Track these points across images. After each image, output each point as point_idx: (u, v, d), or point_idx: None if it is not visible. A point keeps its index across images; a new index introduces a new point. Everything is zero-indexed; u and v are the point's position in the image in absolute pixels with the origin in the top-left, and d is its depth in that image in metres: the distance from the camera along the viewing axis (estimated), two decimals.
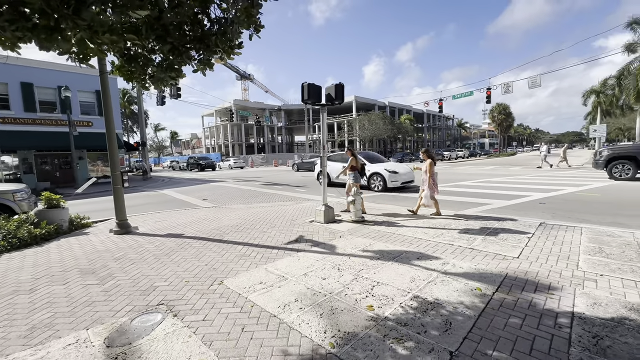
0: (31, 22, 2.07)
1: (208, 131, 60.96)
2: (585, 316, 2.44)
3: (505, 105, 51.58)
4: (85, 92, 18.84)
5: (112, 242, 5.24)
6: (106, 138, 6.03)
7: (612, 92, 27.48)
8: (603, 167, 11.75)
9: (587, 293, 2.82)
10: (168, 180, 21.06)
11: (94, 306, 2.95)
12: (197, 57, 3.37)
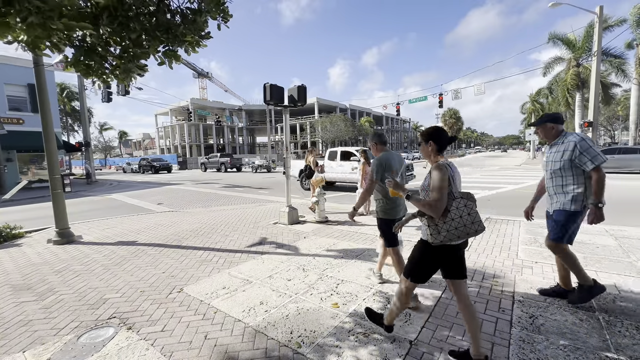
0: None
1: (162, 131, 57.26)
2: (523, 299, 2.75)
3: (455, 110, 55.66)
4: (15, 86, 16.62)
5: (52, 254, 4.71)
6: (43, 137, 5.40)
7: (546, 100, 31.11)
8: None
9: (525, 279, 3.17)
10: (117, 183, 19.41)
11: (32, 325, 2.64)
12: (162, 49, 3.18)
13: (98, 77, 3.28)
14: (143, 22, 2.85)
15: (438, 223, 1.85)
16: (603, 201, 2.40)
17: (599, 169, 2.38)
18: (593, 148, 2.40)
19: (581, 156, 2.42)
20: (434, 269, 1.99)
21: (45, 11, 1.97)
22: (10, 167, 16.16)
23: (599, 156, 2.38)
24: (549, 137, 2.68)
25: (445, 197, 1.83)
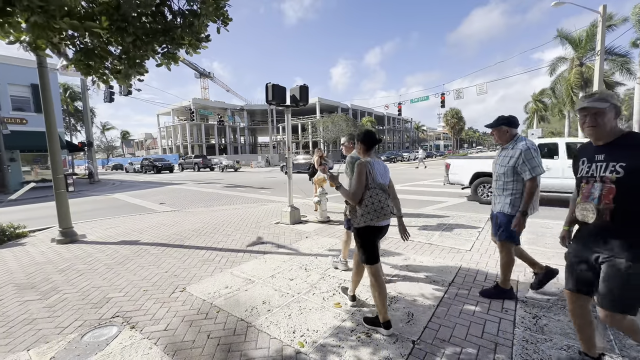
0: None
1: (164, 131, 57.46)
2: (527, 299, 2.74)
3: (458, 110, 55.56)
4: (18, 86, 16.72)
5: (55, 253, 4.74)
6: (46, 137, 5.43)
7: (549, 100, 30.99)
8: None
9: (528, 279, 3.16)
10: (119, 183, 19.50)
11: (36, 324, 2.66)
12: (161, 50, 3.19)
13: (98, 76, 3.30)
14: (141, 25, 2.86)
15: (357, 209, 2.32)
16: (530, 210, 2.54)
17: (534, 180, 2.49)
18: (536, 159, 2.49)
19: (523, 165, 2.51)
20: (375, 247, 2.41)
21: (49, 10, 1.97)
22: (13, 166, 16.26)
23: (538, 167, 2.48)
24: (503, 140, 2.72)
25: (361, 188, 2.29)
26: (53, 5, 1.91)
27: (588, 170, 1.68)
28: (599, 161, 1.64)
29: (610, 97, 1.61)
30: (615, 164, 1.56)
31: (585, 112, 1.65)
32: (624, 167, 1.53)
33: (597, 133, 1.65)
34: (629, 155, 1.54)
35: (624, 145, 1.58)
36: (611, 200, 1.56)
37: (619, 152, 1.57)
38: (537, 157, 2.51)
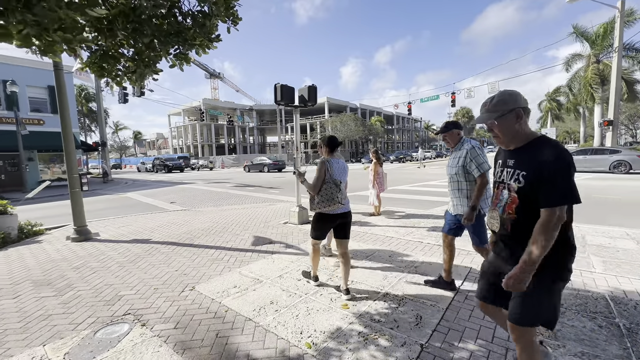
0: None
1: (175, 131, 58.37)
2: None
3: (468, 109, 54.79)
4: (36, 88, 17.26)
5: (70, 250, 4.87)
6: (62, 138, 5.59)
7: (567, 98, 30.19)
8: None
9: None
10: (132, 182, 19.90)
11: (51, 320, 2.73)
12: (173, 51, 3.25)
13: (112, 78, 3.38)
14: (157, 27, 2.91)
15: (314, 197, 2.85)
16: (479, 206, 2.63)
17: (483, 176, 2.61)
18: (481, 156, 2.64)
19: (470, 163, 2.67)
20: (324, 229, 3.00)
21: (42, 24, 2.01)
22: (31, 166, 16.79)
23: (485, 164, 2.64)
24: (455, 143, 2.86)
25: (320, 181, 2.83)
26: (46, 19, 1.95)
27: (500, 175, 1.58)
28: (509, 167, 1.53)
29: (502, 103, 1.47)
30: (520, 172, 1.45)
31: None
32: (525, 176, 1.42)
33: (501, 142, 1.56)
34: (531, 164, 1.41)
35: (530, 152, 1.44)
36: (514, 210, 1.47)
37: (525, 160, 1.45)
38: (482, 155, 2.66)
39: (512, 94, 1.48)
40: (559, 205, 1.31)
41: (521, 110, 1.45)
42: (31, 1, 1.89)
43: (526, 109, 1.48)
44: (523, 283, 1.36)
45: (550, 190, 1.33)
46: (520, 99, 1.47)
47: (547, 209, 1.32)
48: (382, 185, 6.61)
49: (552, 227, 1.31)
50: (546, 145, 1.39)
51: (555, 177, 1.32)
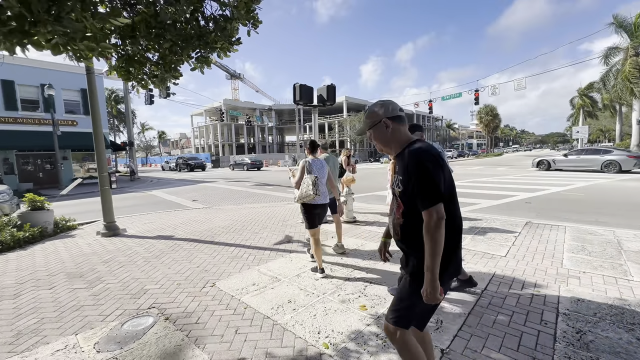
0: (7, 27, 1.99)
1: (197, 131, 60.16)
2: (570, 312, 2.54)
3: (493, 107, 52.71)
4: (70, 91, 18.33)
5: (100, 245, 5.13)
6: (93, 138, 5.90)
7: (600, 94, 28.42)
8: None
9: (571, 290, 2.92)
10: (157, 180, 20.70)
11: (83, 310, 2.89)
12: (194, 55, 3.35)
13: (138, 81, 3.52)
14: (178, 31, 3.00)
15: (296, 190, 3.46)
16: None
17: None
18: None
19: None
20: (310, 218, 3.48)
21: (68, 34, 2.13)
22: (65, 164, 17.87)
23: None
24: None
25: (301, 177, 3.46)
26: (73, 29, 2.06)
27: (394, 182, 1.55)
28: (396, 172, 1.53)
29: (371, 115, 1.53)
30: (399, 177, 1.47)
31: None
32: (402, 181, 1.43)
33: (381, 149, 1.58)
34: (404, 169, 1.42)
35: (403, 157, 1.45)
36: (401, 215, 1.47)
37: (401, 165, 1.46)
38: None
39: (380, 105, 1.53)
40: (429, 207, 1.31)
41: (388, 120, 1.49)
42: (60, 14, 2.00)
43: (397, 117, 1.51)
44: (432, 295, 1.33)
45: (419, 194, 1.34)
46: (389, 109, 1.51)
47: (424, 212, 1.33)
48: None
49: (434, 228, 1.30)
50: (412, 149, 1.41)
51: (419, 180, 1.34)
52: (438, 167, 1.34)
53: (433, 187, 1.32)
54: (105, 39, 2.59)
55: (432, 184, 1.32)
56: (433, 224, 1.30)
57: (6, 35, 2.01)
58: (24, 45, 2.15)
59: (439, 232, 1.31)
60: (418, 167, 1.34)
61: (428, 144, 1.46)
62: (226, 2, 3.16)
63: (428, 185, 1.32)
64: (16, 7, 1.87)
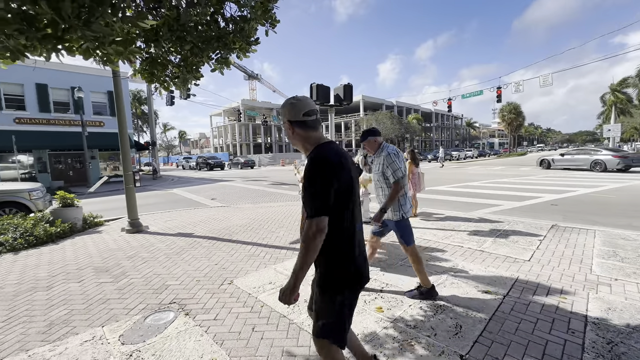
0: (41, 33, 2.10)
1: (216, 131, 61.51)
2: (599, 321, 2.41)
3: (516, 105, 50.72)
4: (98, 93, 19.24)
5: (125, 241, 5.35)
6: (119, 139, 6.15)
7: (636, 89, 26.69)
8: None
9: (601, 298, 2.77)
10: (177, 179, 21.36)
11: (109, 304, 3.03)
12: (214, 56, 3.43)
13: (160, 83, 3.64)
14: (198, 33, 3.08)
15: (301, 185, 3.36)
16: (403, 212, 2.75)
17: (397, 183, 2.68)
18: (395, 163, 2.70)
19: (387, 169, 2.74)
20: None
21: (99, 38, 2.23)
22: (93, 163, 18.76)
23: (399, 171, 2.69)
24: (373, 149, 2.91)
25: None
26: (103, 33, 2.16)
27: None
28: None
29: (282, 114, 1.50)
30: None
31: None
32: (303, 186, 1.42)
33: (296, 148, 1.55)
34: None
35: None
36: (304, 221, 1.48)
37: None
38: (397, 161, 2.71)
39: (289, 105, 1.46)
40: (311, 217, 1.28)
41: (289, 124, 1.45)
42: (90, 19, 2.10)
43: (298, 121, 1.43)
44: (286, 295, 1.34)
45: (305, 202, 1.33)
46: (292, 112, 1.44)
47: (307, 220, 1.30)
48: (418, 186, 6.39)
49: (310, 238, 1.28)
50: (309, 156, 1.38)
51: (306, 189, 1.32)
52: (325, 177, 1.29)
53: (316, 199, 1.28)
54: (132, 43, 2.69)
55: (316, 194, 1.29)
56: (311, 234, 1.27)
57: (41, 41, 2.13)
58: (58, 51, 2.28)
59: (314, 244, 1.28)
60: (306, 175, 1.32)
61: (325, 150, 1.37)
62: (244, 2, 3.20)
63: (313, 195, 1.29)
64: (48, 13, 1.98)
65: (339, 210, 1.35)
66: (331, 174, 1.31)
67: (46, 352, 2.30)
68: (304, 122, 1.44)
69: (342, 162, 1.36)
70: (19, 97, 16.79)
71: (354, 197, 1.44)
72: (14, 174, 15.22)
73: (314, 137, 1.46)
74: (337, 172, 1.32)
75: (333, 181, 1.30)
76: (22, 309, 2.98)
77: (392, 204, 2.71)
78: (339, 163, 1.35)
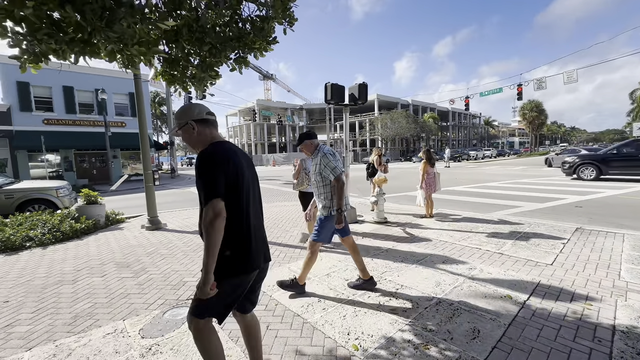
0: (68, 36, 2.19)
1: (232, 131, 62.50)
2: (629, 330, 2.28)
3: (538, 102, 48.83)
4: (120, 95, 19.95)
5: (145, 238, 5.52)
6: (139, 139, 6.35)
7: None
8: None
9: (630, 305, 2.63)
10: (194, 178, 21.85)
11: (129, 298, 3.13)
12: (233, 56, 3.48)
13: (180, 84, 3.73)
14: (217, 34, 3.13)
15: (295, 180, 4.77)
16: (344, 207, 2.81)
17: (338, 179, 2.78)
18: (332, 161, 2.82)
19: (325, 169, 2.85)
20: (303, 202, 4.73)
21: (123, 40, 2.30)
22: (115, 162, 19.47)
23: (337, 168, 2.82)
24: (310, 151, 3.02)
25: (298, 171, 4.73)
26: (125, 35, 2.23)
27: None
28: None
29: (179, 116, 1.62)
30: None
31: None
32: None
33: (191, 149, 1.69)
34: None
35: None
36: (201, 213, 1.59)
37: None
38: (334, 160, 2.84)
39: (185, 108, 1.64)
40: (206, 204, 1.43)
41: (193, 123, 1.59)
42: (113, 21, 2.17)
43: (202, 120, 1.61)
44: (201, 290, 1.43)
45: (199, 191, 1.49)
46: (193, 112, 1.61)
47: (204, 208, 1.45)
48: (432, 186, 6.27)
49: (208, 223, 1.41)
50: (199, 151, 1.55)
51: (197, 179, 1.48)
52: (213, 168, 1.46)
53: (207, 185, 1.44)
54: (155, 44, 2.77)
55: (206, 181, 1.44)
56: (208, 219, 1.40)
57: (69, 44, 2.23)
58: (85, 54, 2.37)
59: (214, 228, 1.40)
60: (196, 167, 1.47)
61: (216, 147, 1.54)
62: (264, 2, 3.23)
63: (203, 183, 1.45)
64: (74, 17, 2.06)
65: (233, 200, 1.51)
66: (218, 165, 1.47)
67: (72, 343, 2.40)
68: (207, 120, 1.63)
69: (229, 157, 1.51)
70: (48, 99, 17.65)
71: (249, 192, 1.61)
72: (43, 173, 16.02)
73: (212, 135, 1.63)
74: (224, 165, 1.48)
75: (220, 172, 1.46)
76: (50, 301, 3.13)
77: (342, 201, 2.81)
78: (226, 158, 1.50)
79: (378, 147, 7.78)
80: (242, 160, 1.62)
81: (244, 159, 1.66)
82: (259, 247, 1.66)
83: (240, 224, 1.56)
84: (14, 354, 2.29)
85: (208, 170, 1.45)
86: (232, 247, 1.52)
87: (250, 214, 1.61)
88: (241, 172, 1.56)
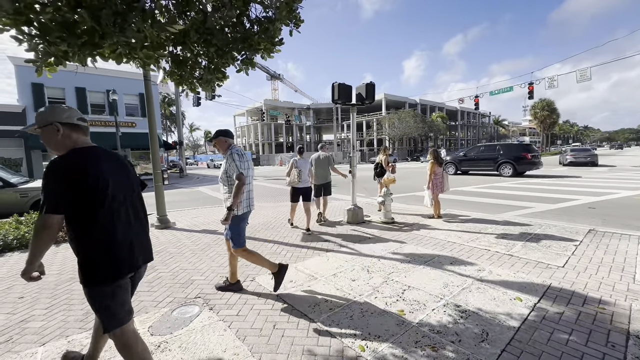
0: (81, 40, 2.24)
1: (240, 130, 62.98)
2: None
3: (550, 101, 47.90)
4: (130, 95, 20.30)
5: (154, 237, 5.60)
6: (149, 139, 6.44)
7: None
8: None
9: None
10: (202, 177, 22.09)
11: (139, 296, 3.18)
12: (240, 57, 3.51)
13: (188, 85, 3.77)
14: (224, 36, 3.16)
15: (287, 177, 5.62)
16: (236, 208, 2.86)
17: (239, 177, 2.81)
18: (236, 162, 2.87)
19: (230, 168, 2.91)
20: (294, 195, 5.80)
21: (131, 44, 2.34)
22: None
23: (237, 169, 2.85)
24: (223, 149, 3.04)
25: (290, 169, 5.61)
26: (135, 39, 2.26)
27: None
28: None
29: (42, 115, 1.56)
30: None
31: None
32: None
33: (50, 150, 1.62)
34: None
35: None
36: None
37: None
38: (238, 161, 2.87)
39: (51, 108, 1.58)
40: (40, 214, 1.43)
41: (59, 125, 1.54)
42: (124, 25, 2.21)
43: (71, 124, 1.58)
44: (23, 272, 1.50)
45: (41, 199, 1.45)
46: (62, 114, 1.56)
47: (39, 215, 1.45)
48: (440, 187, 6.20)
49: (36, 232, 1.43)
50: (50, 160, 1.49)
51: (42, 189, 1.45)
52: (55, 180, 1.44)
53: (45, 197, 1.43)
54: (162, 47, 2.81)
55: (45, 194, 1.43)
56: (36, 229, 1.43)
57: (80, 47, 2.28)
58: (94, 57, 2.42)
59: (38, 237, 1.43)
60: (43, 177, 1.45)
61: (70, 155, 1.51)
62: (269, 3, 3.24)
63: (43, 194, 1.44)
64: (89, 21, 2.11)
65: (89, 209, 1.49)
66: (62, 177, 1.44)
67: (83, 339, 2.45)
68: (76, 126, 1.61)
69: (85, 167, 1.48)
70: (61, 100, 18.08)
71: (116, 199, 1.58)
72: None
73: (77, 141, 1.60)
74: (73, 175, 1.45)
75: (62, 185, 1.43)
76: (63, 298, 3.20)
77: (237, 202, 2.83)
78: (80, 167, 1.47)
79: (385, 147, 7.73)
80: (111, 167, 1.60)
81: (117, 165, 1.66)
82: (134, 251, 1.67)
83: (103, 232, 1.54)
84: (29, 349, 2.35)
85: (49, 182, 1.44)
86: (97, 256, 1.53)
87: (116, 221, 1.58)
88: (104, 179, 1.52)
